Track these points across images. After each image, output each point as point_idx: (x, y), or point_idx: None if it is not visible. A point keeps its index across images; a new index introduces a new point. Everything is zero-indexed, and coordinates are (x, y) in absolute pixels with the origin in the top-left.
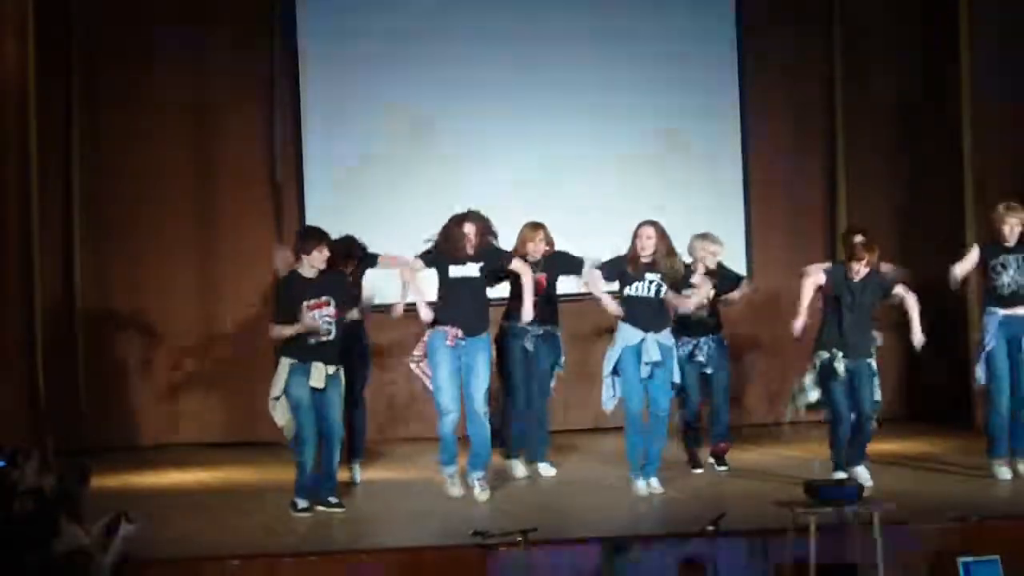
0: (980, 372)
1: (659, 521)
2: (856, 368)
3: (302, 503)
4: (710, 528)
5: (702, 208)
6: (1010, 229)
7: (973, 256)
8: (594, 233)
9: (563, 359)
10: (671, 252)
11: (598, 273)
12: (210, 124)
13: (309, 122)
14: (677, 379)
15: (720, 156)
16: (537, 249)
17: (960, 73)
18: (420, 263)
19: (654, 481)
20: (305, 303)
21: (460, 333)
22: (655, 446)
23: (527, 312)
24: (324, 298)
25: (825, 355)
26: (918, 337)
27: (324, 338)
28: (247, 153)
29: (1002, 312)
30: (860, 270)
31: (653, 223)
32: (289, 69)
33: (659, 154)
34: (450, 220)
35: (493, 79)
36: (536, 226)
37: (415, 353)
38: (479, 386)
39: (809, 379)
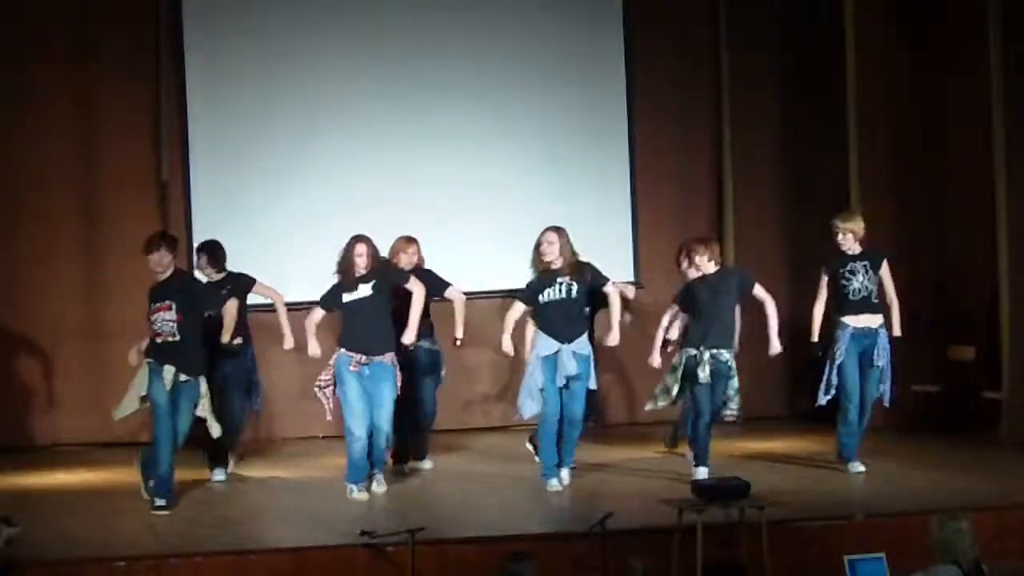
0: (827, 385)
1: (547, 519)
2: (716, 366)
3: (160, 501)
4: (597, 527)
5: (589, 218)
6: (843, 235)
7: (824, 283)
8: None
9: (443, 372)
10: (574, 255)
11: (520, 306)
12: (95, 122)
13: (195, 121)
14: (593, 386)
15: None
16: (410, 261)
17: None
18: (320, 313)
19: (564, 472)
20: (151, 306)
21: (364, 359)
22: (569, 446)
23: (410, 333)
24: (166, 302)
25: (691, 352)
26: (775, 346)
27: (170, 339)
28: (133, 152)
29: (853, 325)
30: (706, 267)
31: (554, 228)
32: (175, 67)
33: (544, 165)
34: (347, 244)
35: (379, 91)
36: (410, 239)
37: (322, 377)
38: (385, 411)
39: (671, 378)
